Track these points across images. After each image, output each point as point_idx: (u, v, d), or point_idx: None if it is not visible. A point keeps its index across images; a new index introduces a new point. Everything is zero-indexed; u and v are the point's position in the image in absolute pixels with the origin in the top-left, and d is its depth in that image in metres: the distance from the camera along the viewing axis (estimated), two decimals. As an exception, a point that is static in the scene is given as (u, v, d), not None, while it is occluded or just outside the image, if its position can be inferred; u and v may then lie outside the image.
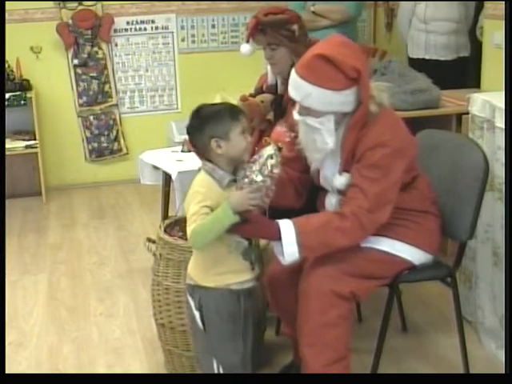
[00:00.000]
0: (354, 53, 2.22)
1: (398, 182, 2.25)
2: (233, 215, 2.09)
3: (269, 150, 2.14)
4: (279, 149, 2.15)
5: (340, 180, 2.29)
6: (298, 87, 2.23)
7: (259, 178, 2.11)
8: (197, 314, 2.26)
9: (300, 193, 2.53)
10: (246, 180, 2.13)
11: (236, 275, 2.22)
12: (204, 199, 2.13)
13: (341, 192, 2.34)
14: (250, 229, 2.17)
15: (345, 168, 2.28)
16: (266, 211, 2.26)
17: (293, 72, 2.26)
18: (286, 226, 2.20)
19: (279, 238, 2.19)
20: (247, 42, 2.95)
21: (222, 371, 2.27)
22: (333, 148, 2.27)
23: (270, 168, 2.12)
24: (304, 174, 2.48)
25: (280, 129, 2.18)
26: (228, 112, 2.16)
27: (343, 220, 2.20)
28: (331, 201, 2.41)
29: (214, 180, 2.17)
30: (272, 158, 2.12)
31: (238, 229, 2.14)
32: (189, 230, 2.13)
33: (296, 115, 2.30)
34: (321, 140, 2.26)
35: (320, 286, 2.23)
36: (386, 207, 2.23)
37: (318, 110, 2.21)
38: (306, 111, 2.24)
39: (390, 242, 2.33)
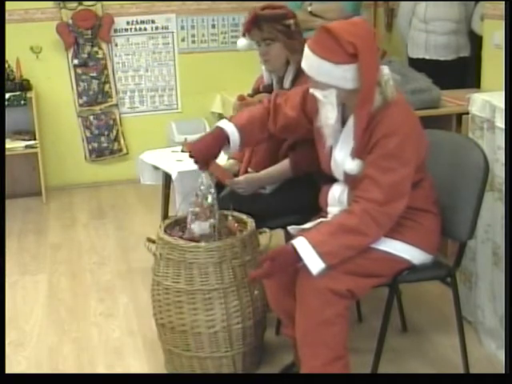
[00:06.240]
0: (360, 32, 2.23)
1: (412, 172, 2.25)
2: None
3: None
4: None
5: (351, 165, 2.30)
6: (306, 58, 2.28)
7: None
8: None
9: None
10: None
11: None
12: None
13: (347, 181, 2.35)
14: (272, 268, 2.25)
15: (357, 153, 2.28)
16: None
17: (305, 45, 2.30)
18: (300, 244, 2.21)
19: (300, 258, 2.21)
20: (243, 36, 2.96)
21: None
22: (333, 123, 2.29)
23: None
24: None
25: None
26: None
27: (352, 219, 2.21)
28: (334, 194, 2.41)
29: None
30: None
31: (260, 274, 2.30)
32: None
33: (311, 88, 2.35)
34: (324, 114, 2.30)
35: (316, 283, 2.23)
36: (401, 200, 2.23)
37: (320, 82, 2.25)
38: (314, 83, 2.29)
39: (389, 241, 2.33)
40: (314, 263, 2.20)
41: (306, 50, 2.27)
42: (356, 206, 2.22)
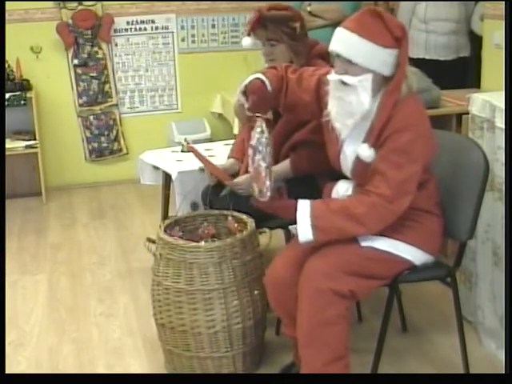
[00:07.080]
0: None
1: (419, 171, 2.25)
2: None
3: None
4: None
5: (367, 152, 2.25)
6: (343, 40, 2.22)
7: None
8: None
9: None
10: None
11: None
12: None
13: (354, 176, 2.35)
14: (270, 208, 2.34)
15: (374, 142, 2.25)
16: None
17: (339, 28, 2.26)
18: (303, 207, 2.26)
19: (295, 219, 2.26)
20: (248, 35, 2.94)
21: None
22: (367, 109, 2.24)
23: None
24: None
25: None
26: None
27: (359, 208, 2.22)
28: (339, 191, 2.42)
29: None
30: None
31: (259, 204, 2.36)
32: None
33: (331, 75, 2.29)
34: (357, 100, 2.23)
35: (319, 284, 2.24)
36: (406, 197, 2.24)
37: (359, 65, 2.20)
38: (345, 68, 2.23)
39: (390, 241, 2.33)
40: (305, 233, 2.25)
41: (344, 32, 2.22)
42: (367, 198, 2.23)
